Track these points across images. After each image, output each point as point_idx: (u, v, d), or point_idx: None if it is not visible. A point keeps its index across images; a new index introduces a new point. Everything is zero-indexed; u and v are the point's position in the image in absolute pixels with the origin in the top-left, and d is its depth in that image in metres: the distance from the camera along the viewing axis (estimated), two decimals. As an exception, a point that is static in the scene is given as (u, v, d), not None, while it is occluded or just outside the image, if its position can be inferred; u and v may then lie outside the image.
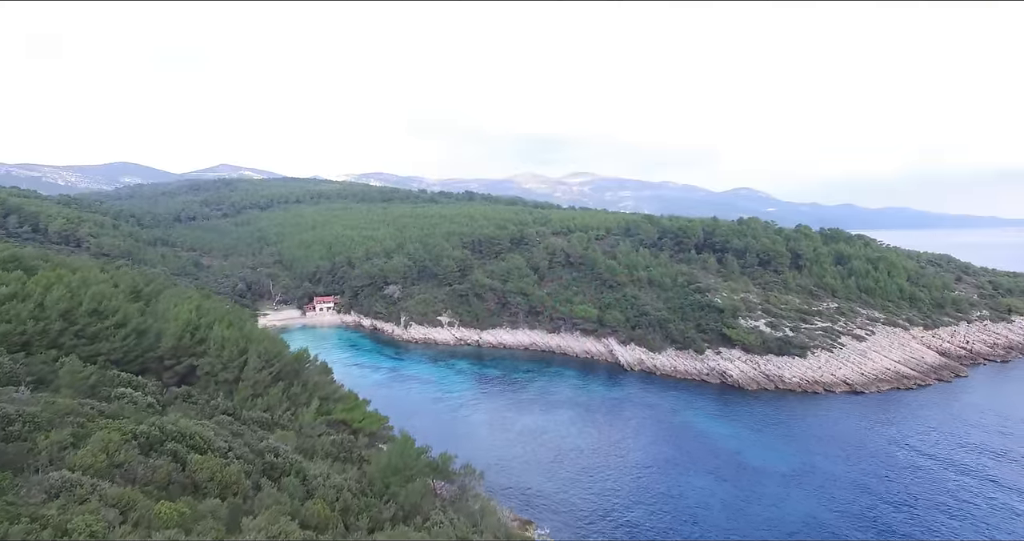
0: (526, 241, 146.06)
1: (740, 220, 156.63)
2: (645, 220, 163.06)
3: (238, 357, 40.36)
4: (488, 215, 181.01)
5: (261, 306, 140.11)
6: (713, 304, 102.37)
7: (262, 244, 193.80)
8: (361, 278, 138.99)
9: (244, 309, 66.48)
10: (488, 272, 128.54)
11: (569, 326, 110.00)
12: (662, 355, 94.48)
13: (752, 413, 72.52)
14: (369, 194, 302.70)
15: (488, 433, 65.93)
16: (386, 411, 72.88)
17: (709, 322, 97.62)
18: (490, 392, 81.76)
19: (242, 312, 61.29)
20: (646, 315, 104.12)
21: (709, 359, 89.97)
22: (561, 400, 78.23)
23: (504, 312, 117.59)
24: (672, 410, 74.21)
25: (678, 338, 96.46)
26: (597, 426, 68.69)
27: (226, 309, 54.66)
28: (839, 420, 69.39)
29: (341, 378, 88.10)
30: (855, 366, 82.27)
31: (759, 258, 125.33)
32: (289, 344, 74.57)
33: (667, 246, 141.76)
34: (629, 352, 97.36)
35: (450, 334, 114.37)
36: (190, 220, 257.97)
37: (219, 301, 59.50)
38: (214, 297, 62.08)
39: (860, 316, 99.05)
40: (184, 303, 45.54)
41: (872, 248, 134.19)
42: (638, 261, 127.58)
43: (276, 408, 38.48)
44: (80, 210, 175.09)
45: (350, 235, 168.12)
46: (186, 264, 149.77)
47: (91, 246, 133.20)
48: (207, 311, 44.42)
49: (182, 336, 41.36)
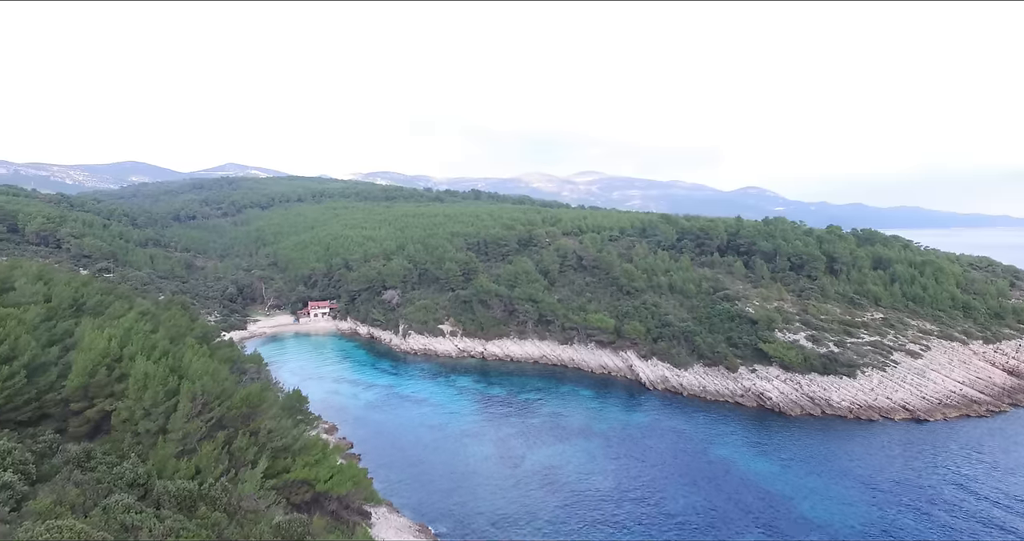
0: (535, 242, 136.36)
1: (766, 220, 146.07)
2: (662, 220, 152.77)
3: (165, 400, 30.95)
4: (495, 214, 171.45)
5: (252, 311, 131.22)
6: (745, 314, 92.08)
7: (259, 244, 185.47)
8: (358, 282, 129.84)
9: (207, 326, 56.96)
10: (494, 276, 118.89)
11: (583, 337, 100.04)
12: (689, 372, 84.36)
13: (800, 446, 62.30)
14: (372, 192, 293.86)
15: (492, 472, 56.17)
16: (376, 440, 63.93)
17: (741, 335, 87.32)
18: (495, 416, 72.02)
19: (205, 330, 51.86)
20: (669, 326, 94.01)
21: (743, 378, 79.76)
22: (575, 427, 68.35)
23: (511, 321, 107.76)
24: (706, 441, 64.15)
25: (706, 353, 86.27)
26: (618, 462, 58.83)
27: (169, 329, 45.17)
28: (911, 458, 58.66)
29: (329, 398, 79.39)
30: (914, 388, 71.75)
31: (790, 262, 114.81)
32: (267, 362, 65.46)
33: (687, 248, 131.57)
34: (651, 368, 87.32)
35: (452, 345, 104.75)
36: (189, 219, 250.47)
37: (178, 315, 50.03)
38: (174, 310, 52.57)
39: (911, 328, 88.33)
40: (107, 325, 36.18)
41: (913, 251, 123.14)
42: (657, 265, 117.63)
43: (209, 471, 28.99)
44: (71, 209, 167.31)
45: (349, 235, 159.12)
46: (175, 266, 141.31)
47: (71, 247, 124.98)
48: (136, 336, 35.03)
49: (94, 371, 32.01)
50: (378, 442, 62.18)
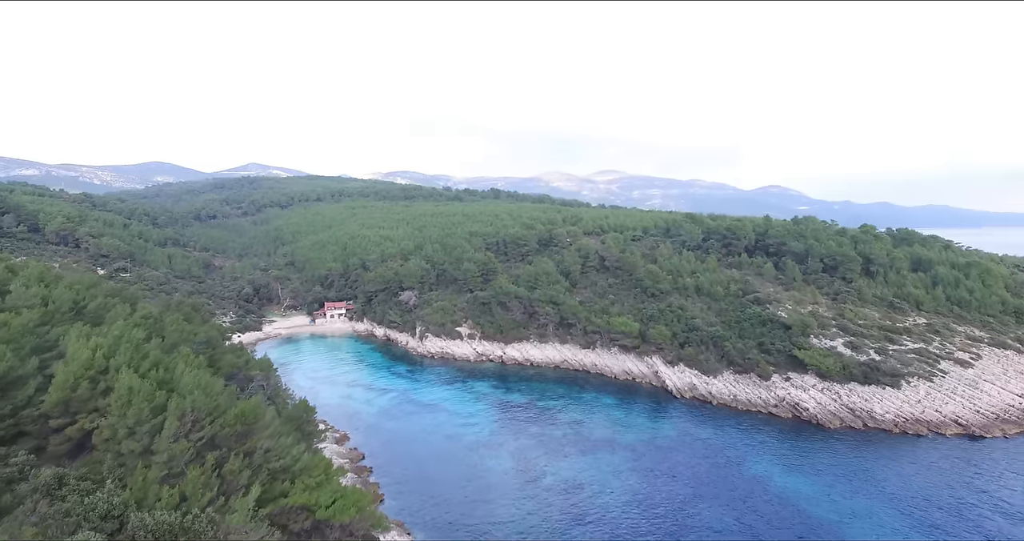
0: (555, 242, 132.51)
1: (796, 219, 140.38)
2: (687, 219, 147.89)
3: (150, 418, 28.12)
4: (514, 213, 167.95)
5: (269, 312, 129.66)
6: (777, 319, 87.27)
7: (277, 244, 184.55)
8: (375, 282, 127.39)
9: (215, 329, 54.47)
10: (513, 277, 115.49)
11: (606, 341, 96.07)
12: (718, 380, 79.96)
13: (843, 462, 57.72)
14: (391, 192, 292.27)
15: (510, 488, 52.71)
16: (388, 451, 60.80)
17: (774, 341, 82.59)
18: (515, 425, 68.57)
19: (210, 335, 49.29)
20: (696, 330, 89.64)
21: (777, 386, 75.15)
22: (599, 439, 64.57)
23: (531, 323, 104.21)
24: (739, 455, 59.91)
25: (737, 359, 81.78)
26: (646, 478, 54.95)
27: (170, 335, 42.54)
28: (971, 479, 53.66)
29: (342, 403, 76.54)
30: (966, 401, 66.49)
31: (823, 263, 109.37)
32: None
33: (714, 248, 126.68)
34: (678, 375, 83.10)
35: (470, 348, 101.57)
36: (210, 218, 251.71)
37: (181, 319, 47.50)
38: (177, 314, 50.11)
39: (958, 335, 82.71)
40: (94, 333, 33.53)
41: (955, 251, 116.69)
42: (682, 266, 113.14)
43: (196, 499, 26.01)
44: (93, 209, 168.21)
45: (366, 234, 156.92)
46: (192, 265, 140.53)
47: (90, 247, 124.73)
48: (125, 345, 32.31)
49: (76, 385, 29.33)
50: (391, 453, 59.16)
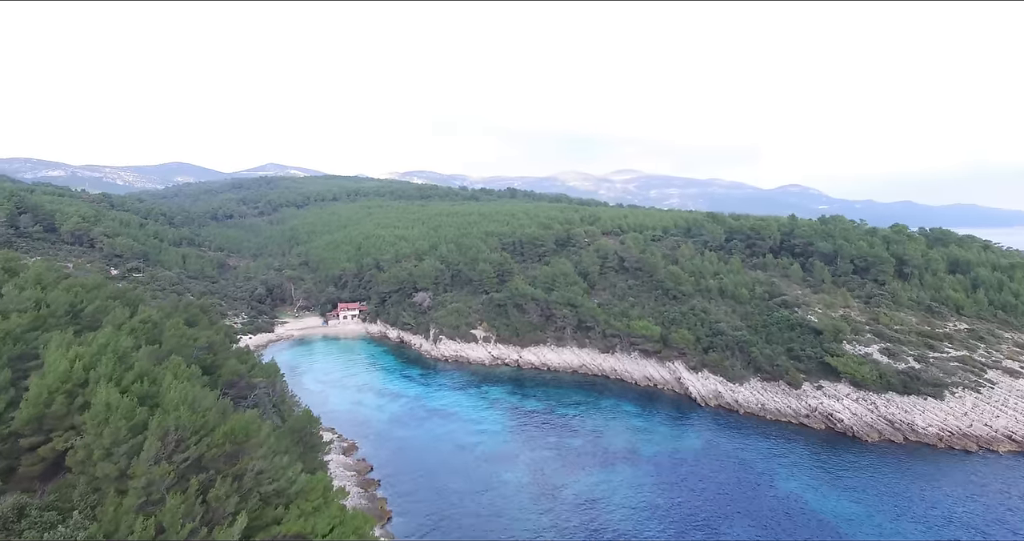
0: (573, 242, 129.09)
1: (823, 218, 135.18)
2: (709, 218, 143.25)
3: (129, 437, 25.52)
4: (531, 213, 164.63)
5: (281, 313, 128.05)
6: (807, 323, 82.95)
7: (292, 244, 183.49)
8: (389, 283, 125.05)
9: (219, 332, 52.00)
10: (530, 278, 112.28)
11: (626, 345, 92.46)
12: (745, 387, 75.98)
13: (884, 480, 53.60)
14: (407, 191, 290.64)
15: (526, 504, 49.54)
16: (398, 462, 57.72)
17: (804, 346, 78.32)
18: (530, 434, 65.40)
19: (212, 340, 46.87)
20: (721, 335, 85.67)
21: (808, 395, 70.97)
22: (620, 450, 61.13)
23: (548, 326, 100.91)
24: (770, 470, 56.08)
25: (764, 366, 77.68)
26: (670, 495, 51.43)
27: (168, 340, 40.06)
28: None
29: (351, 410, 73.62)
30: (1020, 414, 61.81)
31: (853, 264, 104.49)
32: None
33: (737, 249, 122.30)
34: (702, 382, 79.25)
35: (485, 351, 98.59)
36: (227, 218, 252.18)
37: (178, 325, 45.07)
38: (176, 318, 47.74)
39: (1004, 342, 77.71)
40: (75, 342, 31.04)
41: (995, 252, 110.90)
42: (705, 267, 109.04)
43: (175, 530, 23.29)
44: (111, 209, 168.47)
45: (381, 234, 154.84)
46: (206, 266, 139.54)
47: (104, 247, 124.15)
48: (106, 356, 29.77)
49: (51, 400, 26.86)
50: (400, 464, 56.31)
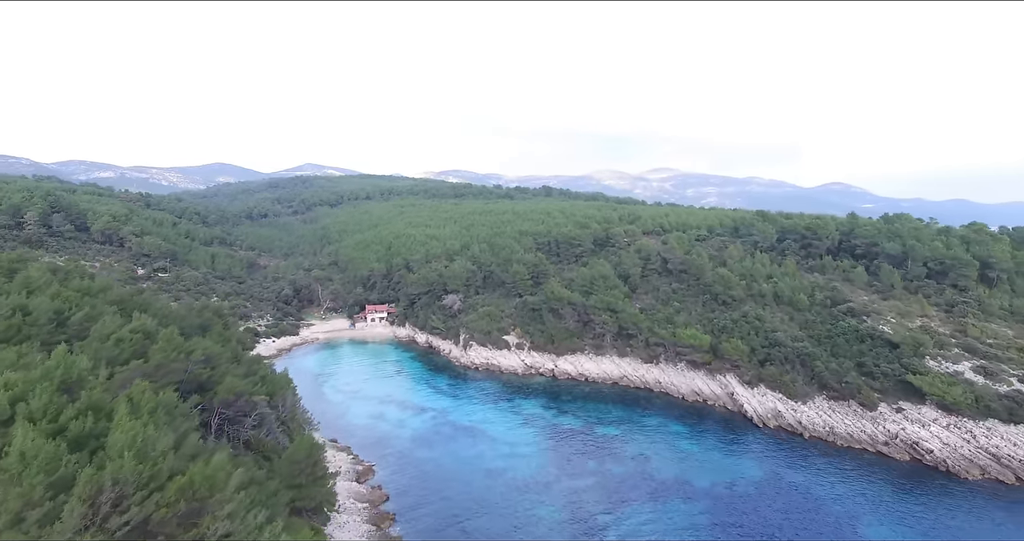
0: (612, 242, 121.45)
1: (887, 217, 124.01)
2: (758, 217, 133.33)
3: (47, 498, 19.83)
4: (567, 211, 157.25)
5: (308, 314, 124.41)
6: (879, 334, 73.70)
7: (323, 243, 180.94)
8: (418, 284, 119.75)
9: (220, 342, 46.91)
10: (566, 280, 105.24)
11: (671, 355, 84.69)
12: (809, 407, 67.49)
13: (999, 532, 44.89)
14: (441, 190, 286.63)
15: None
16: (418, 490, 50.17)
17: (878, 361, 69.21)
18: (568, 458, 58.64)
19: (209, 352, 41.78)
20: (779, 346, 77.13)
21: (886, 419, 62.12)
22: (669, 480, 53.81)
23: (586, 333, 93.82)
24: (849, 513, 47.92)
25: (831, 382, 68.96)
26: (730, 537, 44.00)
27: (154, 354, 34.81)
28: None
29: (371, 425, 65.67)
30: None
31: (927, 268, 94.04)
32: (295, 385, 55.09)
33: (790, 250, 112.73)
34: (759, 398, 71.03)
35: (518, 359, 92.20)
36: (262, 217, 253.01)
37: (171, 336, 39.99)
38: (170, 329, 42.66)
39: (1121, 360, 67.04)
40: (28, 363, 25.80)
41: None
42: (756, 269, 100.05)
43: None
44: (146, 208, 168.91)
45: (412, 233, 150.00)
46: (234, 265, 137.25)
47: (132, 246, 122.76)
48: (43, 385, 24.32)
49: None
50: (421, 493, 50.18)
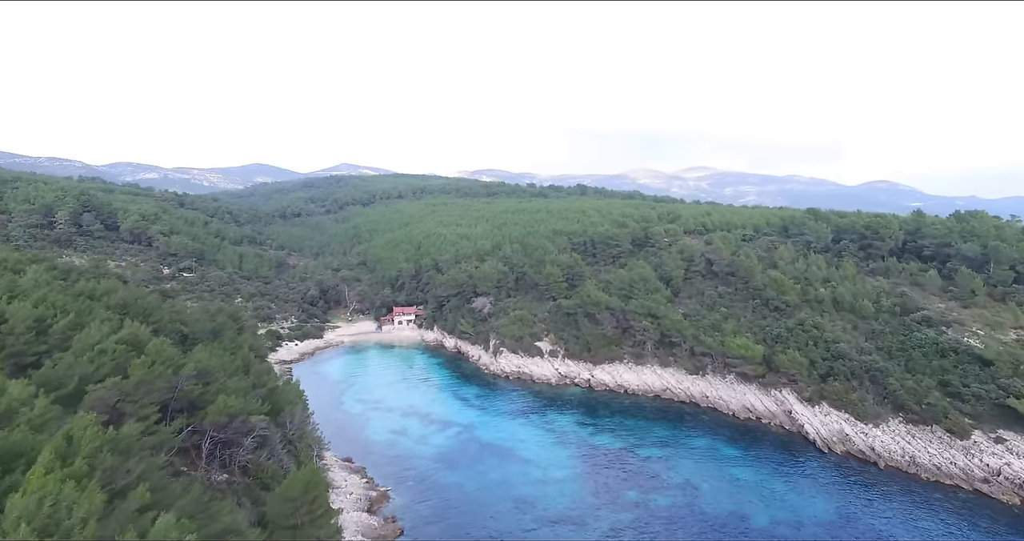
0: (652, 243, 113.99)
1: (959, 214, 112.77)
2: (809, 216, 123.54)
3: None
4: (603, 210, 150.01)
5: (334, 316, 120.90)
6: (965, 348, 64.71)
7: (354, 242, 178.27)
8: (447, 286, 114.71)
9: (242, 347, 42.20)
10: (603, 283, 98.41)
11: (719, 366, 77.20)
12: (883, 431, 59.27)
13: None
14: (474, 189, 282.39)
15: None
16: (439, 523, 42.93)
17: (967, 380, 60.39)
18: (607, 486, 52.15)
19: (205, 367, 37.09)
20: (843, 358, 68.81)
21: (982, 450, 53.60)
22: (722, 516, 46.82)
23: (625, 340, 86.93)
24: (947, 566, 40.27)
25: (908, 403, 60.48)
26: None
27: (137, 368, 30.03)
28: None
29: (391, 442, 58.44)
30: None
31: (1015, 272, 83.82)
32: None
33: (848, 251, 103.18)
34: (821, 418, 63.10)
35: (551, 368, 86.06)
36: (295, 217, 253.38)
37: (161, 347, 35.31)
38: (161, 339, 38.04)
39: None
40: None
41: None
42: (812, 272, 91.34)
43: None
44: (179, 207, 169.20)
45: (442, 233, 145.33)
46: (263, 265, 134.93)
47: (160, 245, 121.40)
48: None
49: None
50: (441, 527, 44.33)
